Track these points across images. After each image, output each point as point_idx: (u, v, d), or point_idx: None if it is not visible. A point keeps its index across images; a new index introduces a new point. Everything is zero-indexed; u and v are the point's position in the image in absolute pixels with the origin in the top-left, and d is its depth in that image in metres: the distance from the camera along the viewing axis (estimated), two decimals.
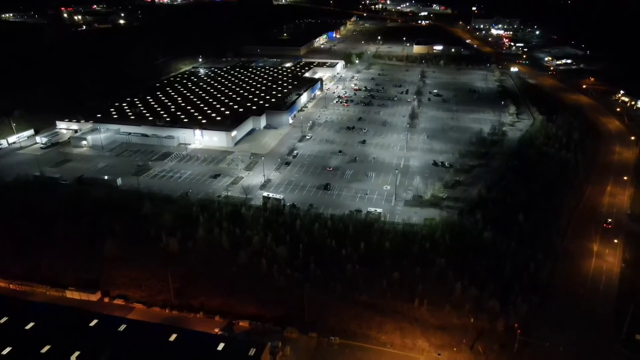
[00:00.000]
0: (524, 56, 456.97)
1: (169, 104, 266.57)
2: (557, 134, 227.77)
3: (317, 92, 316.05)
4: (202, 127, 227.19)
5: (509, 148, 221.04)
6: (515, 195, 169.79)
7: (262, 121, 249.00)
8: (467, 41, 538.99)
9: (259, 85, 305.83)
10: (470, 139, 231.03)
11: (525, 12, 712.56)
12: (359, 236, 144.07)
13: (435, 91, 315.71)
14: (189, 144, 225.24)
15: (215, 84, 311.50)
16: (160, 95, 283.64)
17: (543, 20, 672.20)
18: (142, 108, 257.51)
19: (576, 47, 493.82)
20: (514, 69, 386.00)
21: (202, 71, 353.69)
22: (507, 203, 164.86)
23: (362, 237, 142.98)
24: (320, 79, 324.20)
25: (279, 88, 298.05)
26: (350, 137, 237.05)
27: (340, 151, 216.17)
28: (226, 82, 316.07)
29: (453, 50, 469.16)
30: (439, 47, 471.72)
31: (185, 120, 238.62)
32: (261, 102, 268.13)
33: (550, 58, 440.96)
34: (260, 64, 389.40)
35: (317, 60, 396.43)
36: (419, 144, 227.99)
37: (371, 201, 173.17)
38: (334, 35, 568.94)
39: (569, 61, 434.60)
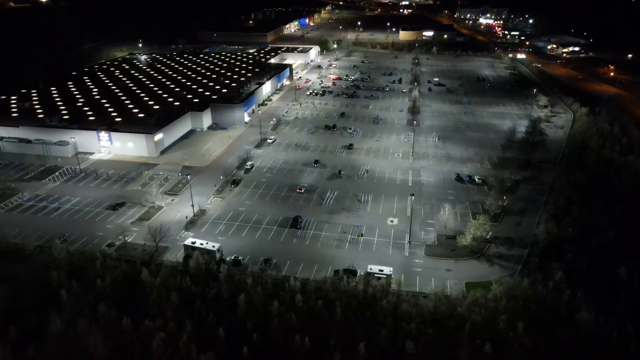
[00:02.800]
0: (527, 42, 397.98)
1: (80, 97, 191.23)
2: (611, 131, 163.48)
3: (286, 82, 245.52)
4: (112, 128, 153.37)
5: (556, 153, 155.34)
6: (599, 230, 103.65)
7: (206, 119, 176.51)
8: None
9: (209, 74, 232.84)
10: (497, 140, 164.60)
11: (513, 1, 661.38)
12: (353, 327, 74.91)
13: (436, 79, 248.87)
14: (92, 153, 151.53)
15: (153, 73, 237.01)
16: (72, 87, 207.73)
17: (533, 9, 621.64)
18: (36, 103, 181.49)
19: (576, 35, 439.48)
20: (520, 56, 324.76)
21: (140, 58, 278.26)
22: (593, 245, 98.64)
23: (360, 329, 73.85)
24: (290, 66, 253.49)
25: (235, 76, 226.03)
26: (331, 139, 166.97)
27: (316, 162, 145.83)
28: (167, 71, 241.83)
29: (445, 36, 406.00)
30: (429, 33, 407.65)
31: (92, 118, 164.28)
32: (208, 93, 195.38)
33: (554, 45, 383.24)
34: (215, 50, 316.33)
35: (285, 45, 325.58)
36: (429, 148, 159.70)
37: (370, 248, 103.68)
38: (307, 22, 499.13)
39: (576, 49, 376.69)
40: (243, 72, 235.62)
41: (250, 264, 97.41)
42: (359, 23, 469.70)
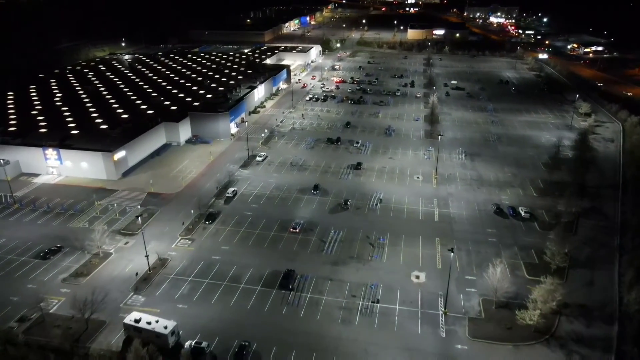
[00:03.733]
0: (546, 42, 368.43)
1: (37, 105, 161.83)
2: None
3: (282, 85, 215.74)
4: (62, 144, 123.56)
5: (613, 174, 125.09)
6: None
7: (184, 131, 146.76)
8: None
9: (194, 76, 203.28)
10: (537, 157, 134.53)
11: (524, 0, 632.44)
12: None
13: (453, 82, 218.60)
14: (38, 175, 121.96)
15: (130, 76, 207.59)
16: (33, 92, 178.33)
17: (546, 8, 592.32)
18: None
19: (595, 35, 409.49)
20: (541, 56, 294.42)
21: (121, 59, 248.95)
22: None
23: None
24: (287, 67, 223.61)
25: (224, 79, 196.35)
26: (335, 157, 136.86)
27: (316, 187, 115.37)
28: (148, 73, 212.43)
29: (458, 35, 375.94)
30: (440, 32, 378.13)
31: (44, 130, 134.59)
32: (190, 99, 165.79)
33: (575, 45, 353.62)
34: (205, 50, 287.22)
35: (283, 45, 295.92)
36: (456, 167, 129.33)
37: (389, 323, 73.26)
38: (308, 20, 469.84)
39: (599, 48, 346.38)
40: (234, 74, 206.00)
41: (219, 352, 67.34)
42: (363, 21, 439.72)
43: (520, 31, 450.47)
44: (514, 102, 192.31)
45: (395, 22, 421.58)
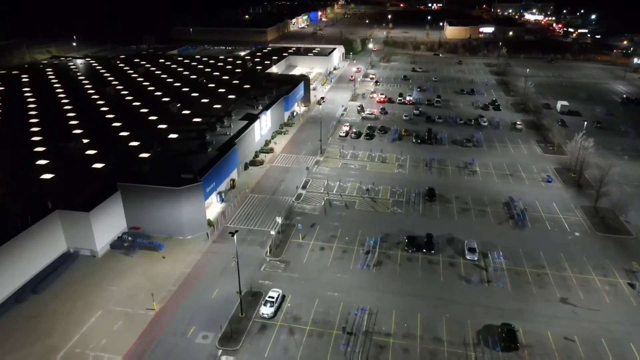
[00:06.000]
0: (625, 42, 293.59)
1: None
2: None
3: (298, 109, 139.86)
4: None
5: None
6: None
7: (106, 224, 70.09)
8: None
9: (158, 95, 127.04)
10: None
11: None
12: None
13: (564, 103, 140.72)
14: None
15: (59, 94, 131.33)
16: None
17: (587, 4, 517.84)
18: None
19: None
20: (637, 60, 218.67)
21: (66, 65, 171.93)
22: None
23: None
24: (305, 79, 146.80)
25: (205, 100, 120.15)
26: (430, 300, 60.57)
27: None
28: (87, 90, 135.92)
29: (511, 33, 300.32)
30: (488, 30, 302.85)
31: None
32: (133, 147, 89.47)
33: None
34: (188, 52, 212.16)
35: (295, 46, 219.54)
36: None
37: None
38: (319, 16, 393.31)
39: None
40: (222, 90, 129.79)
41: None
42: (389, 17, 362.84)
43: (571, 30, 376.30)
44: None
45: (429, 17, 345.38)
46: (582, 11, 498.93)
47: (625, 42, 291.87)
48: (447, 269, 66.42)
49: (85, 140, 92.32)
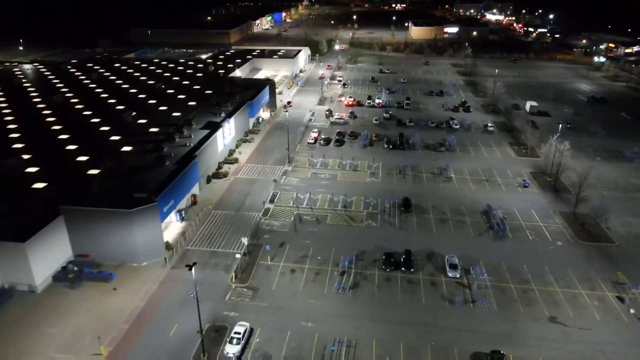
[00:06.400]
0: (585, 41, 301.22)
1: None
2: None
3: (264, 113, 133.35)
4: None
5: None
6: None
7: (48, 253, 61.88)
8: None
9: (111, 102, 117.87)
10: None
11: None
12: None
13: (533, 104, 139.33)
14: None
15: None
16: None
17: (546, 4, 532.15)
18: None
19: (614, 32, 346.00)
20: (597, 59, 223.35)
21: (8, 71, 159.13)
22: None
23: None
24: (270, 83, 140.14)
25: (163, 108, 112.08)
26: (419, 328, 55.71)
27: None
28: (31, 98, 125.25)
29: (475, 33, 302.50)
30: (452, 30, 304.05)
31: None
32: (79, 164, 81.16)
33: (612, 45, 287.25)
34: (146, 55, 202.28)
35: (259, 48, 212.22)
36: None
37: None
38: (283, 18, 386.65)
39: None
40: (183, 96, 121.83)
41: None
42: (354, 17, 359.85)
43: (531, 29, 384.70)
44: None
45: (394, 18, 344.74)
46: (540, 11, 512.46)
47: (584, 41, 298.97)
48: (428, 290, 61.65)
49: (25, 157, 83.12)
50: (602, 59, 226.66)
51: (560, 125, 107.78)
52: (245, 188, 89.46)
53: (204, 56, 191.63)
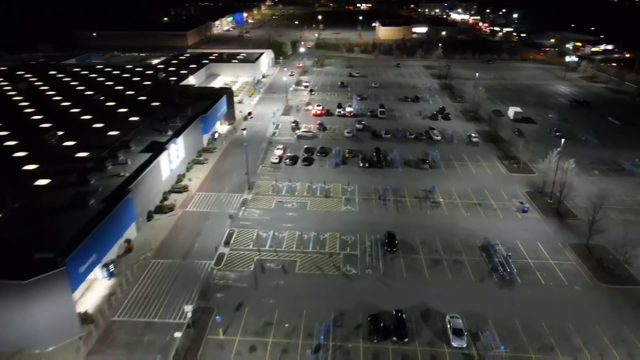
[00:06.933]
0: (553, 40, 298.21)
1: None
2: None
3: (220, 127, 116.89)
4: None
5: None
6: None
7: None
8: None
9: (35, 120, 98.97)
10: None
11: None
12: None
13: (517, 110, 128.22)
14: None
15: None
16: None
17: (510, 3, 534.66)
18: None
19: (578, 31, 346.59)
20: (569, 59, 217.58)
21: None
22: None
23: None
24: (228, 92, 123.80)
25: (99, 125, 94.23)
26: None
27: None
28: None
29: (444, 33, 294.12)
30: (421, 30, 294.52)
31: None
32: None
33: (579, 44, 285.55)
34: (89, 61, 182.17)
35: (217, 51, 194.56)
36: None
37: None
38: (245, 18, 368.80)
39: (609, 47, 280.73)
40: (124, 110, 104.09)
41: None
42: (319, 18, 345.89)
43: (496, 29, 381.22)
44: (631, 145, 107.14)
45: (360, 17, 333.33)
46: (504, 10, 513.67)
47: (553, 40, 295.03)
48: None
49: None
50: (575, 59, 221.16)
51: (552, 133, 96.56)
52: (196, 225, 73.41)
53: (155, 61, 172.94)
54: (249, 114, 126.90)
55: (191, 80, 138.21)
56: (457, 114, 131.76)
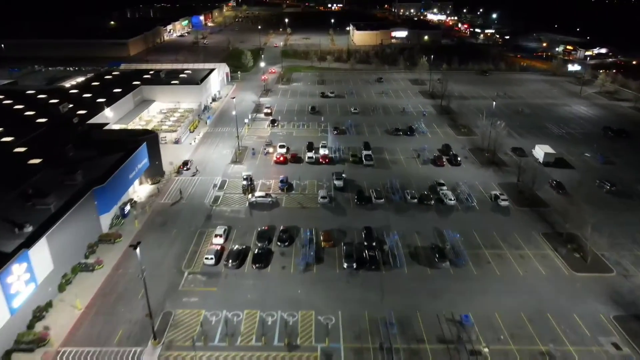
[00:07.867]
0: (544, 44, 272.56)
1: None
2: None
3: (141, 189, 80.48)
4: None
5: None
6: None
7: None
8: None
9: None
10: None
11: None
12: None
13: (551, 151, 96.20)
14: None
15: None
16: None
17: (484, 2, 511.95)
18: None
19: (561, 32, 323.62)
20: (572, 68, 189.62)
21: None
22: None
23: None
24: (153, 136, 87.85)
25: None
26: None
27: None
28: None
29: (427, 37, 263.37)
30: (401, 34, 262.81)
31: None
32: None
33: (570, 47, 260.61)
34: None
35: (154, 68, 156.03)
36: None
37: None
38: (203, 21, 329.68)
39: (602, 51, 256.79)
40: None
41: None
42: (286, 21, 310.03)
43: (477, 30, 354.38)
44: None
45: (332, 20, 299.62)
46: (481, 10, 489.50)
47: (545, 45, 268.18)
48: None
49: None
50: (578, 67, 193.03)
51: (603, 186, 64.58)
52: None
53: (70, 83, 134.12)
54: (185, 164, 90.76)
55: (107, 113, 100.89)
56: (467, 154, 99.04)
